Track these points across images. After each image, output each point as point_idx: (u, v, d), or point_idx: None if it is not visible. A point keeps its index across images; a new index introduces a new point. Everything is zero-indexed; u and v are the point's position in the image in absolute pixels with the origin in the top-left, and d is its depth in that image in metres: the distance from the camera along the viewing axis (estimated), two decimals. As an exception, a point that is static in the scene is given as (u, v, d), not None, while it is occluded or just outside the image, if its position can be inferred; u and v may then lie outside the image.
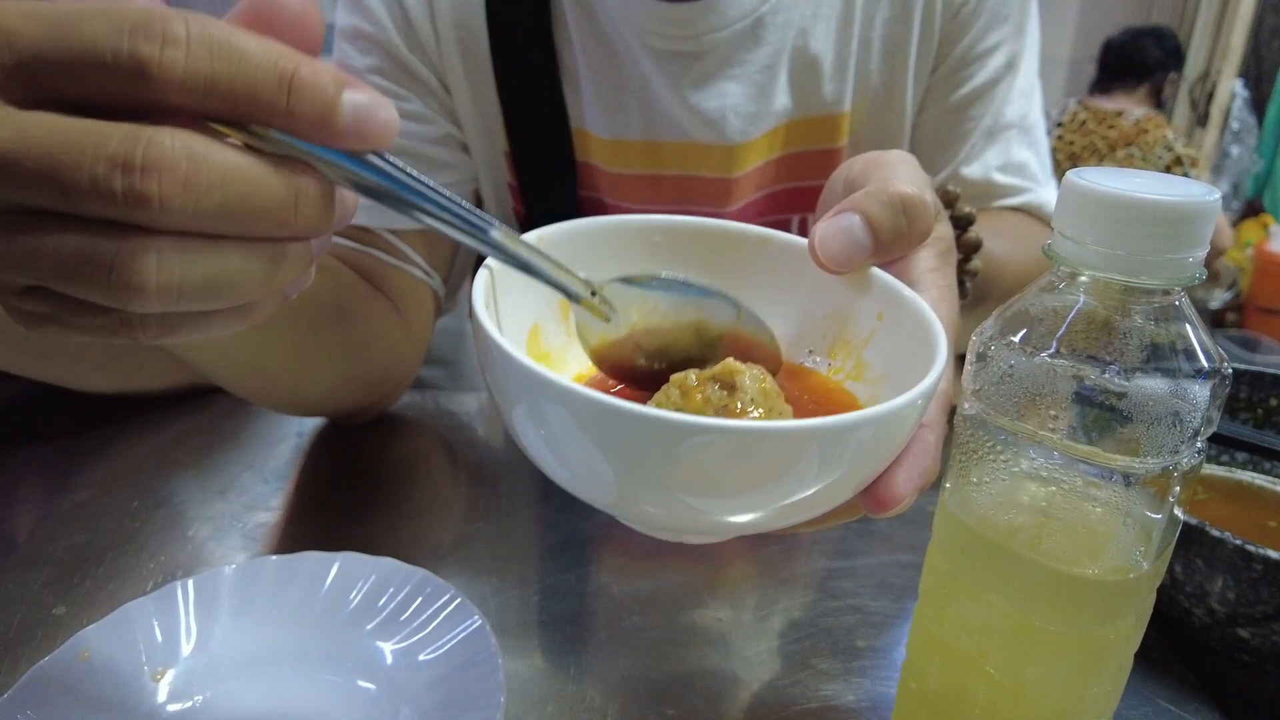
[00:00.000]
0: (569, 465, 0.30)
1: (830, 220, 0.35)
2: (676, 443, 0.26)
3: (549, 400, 0.27)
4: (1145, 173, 0.31)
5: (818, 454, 0.27)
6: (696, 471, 0.27)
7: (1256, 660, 0.46)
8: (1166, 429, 0.30)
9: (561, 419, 0.28)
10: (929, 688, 0.38)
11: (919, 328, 0.33)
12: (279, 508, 0.60)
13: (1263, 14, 3.44)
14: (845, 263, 0.35)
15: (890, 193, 0.34)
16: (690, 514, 0.29)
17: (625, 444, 0.27)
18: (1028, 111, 0.74)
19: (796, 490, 0.28)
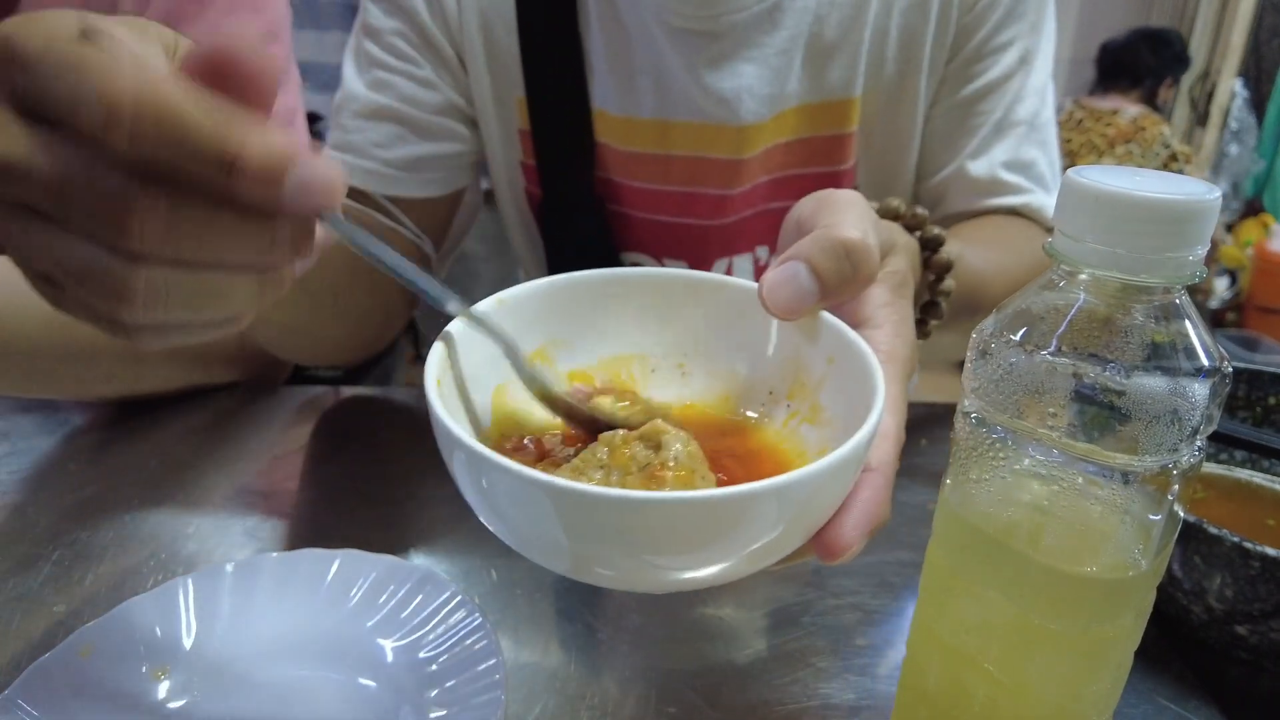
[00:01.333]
0: (511, 534, 0.32)
1: (777, 269, 0.36)
2: (588, 514, 0.27)
3: (479, 470, 0.29)
4: (1145, 171, 0.31)
5: (737, 519, 0.28)
6: (616, 538, 0.28)
7: (1254, 657, 0.46)
8: (1166, 427, 0.30)
9: (492, 488, 0.29)
10: (929, 686, 0.38)
11: (862, 373, 0.34)
12: (279, 505, 0.60)
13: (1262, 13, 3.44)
14: (793, 310, 0.36)
15: (834, 239, 0.35)
16: (622, 575, 0.31)
17: (549, 514, 0.28)
18: (1040, 110, 0.74)
19: (726, 553, 0.29)
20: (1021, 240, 0.71)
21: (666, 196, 0.75)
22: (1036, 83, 0.74)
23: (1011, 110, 0.73)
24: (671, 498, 0.27)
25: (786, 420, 0.39)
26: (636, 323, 0.40)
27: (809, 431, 0.38)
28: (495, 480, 0.29)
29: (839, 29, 0.69)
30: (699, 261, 0.78)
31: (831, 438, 0.36)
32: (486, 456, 0.28)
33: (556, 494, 0.27)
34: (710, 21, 0.67)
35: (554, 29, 0.71)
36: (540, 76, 0.72)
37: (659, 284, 0.40)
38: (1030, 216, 0.74)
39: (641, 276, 0.40)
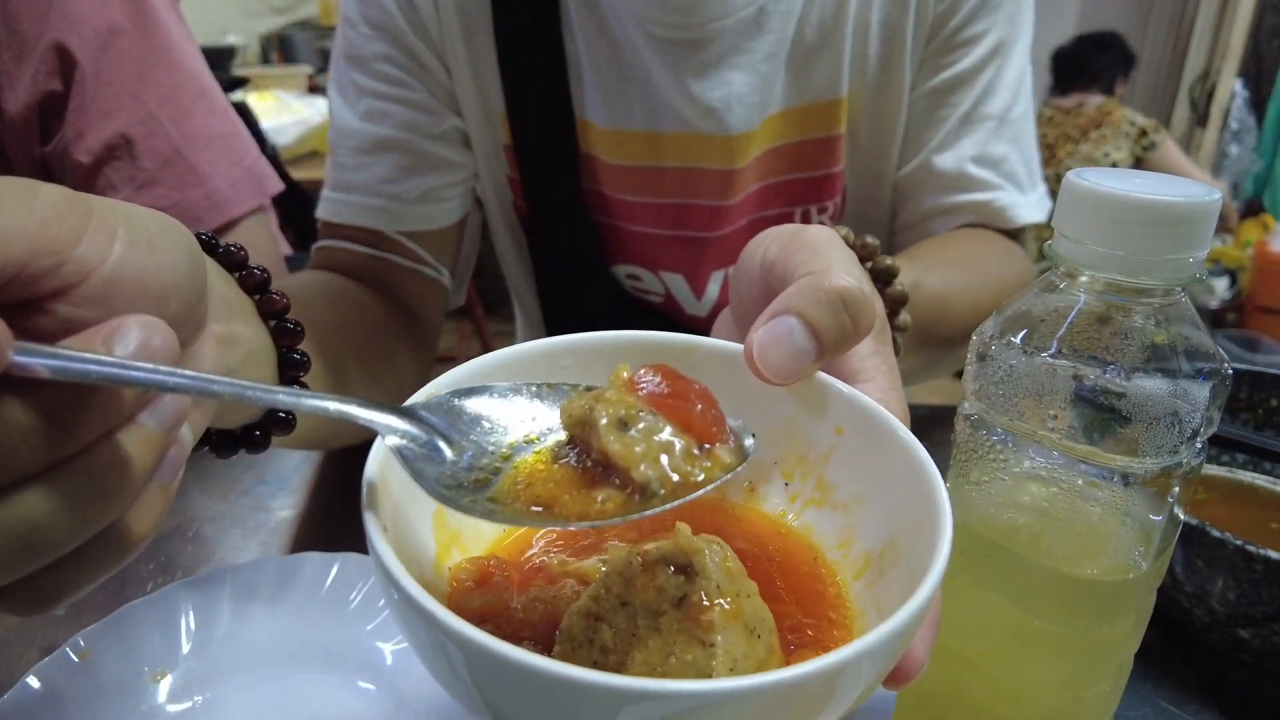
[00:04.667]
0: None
1: (766, 327, 0.31)
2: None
3: (444, 642, 0.22)
4: (1145, 173, 0.31)
5: (839, 688, 0.22)
6: None
7: (1257, 661, 0.46)
8: (1166, 429, 0.30)
9: (459, 666, 0.22)
10: (929, 687, 0.38)
11: (895, 451, 0.29)
12: (279, 509, 0.60)
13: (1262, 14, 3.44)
14: (789, 373, 0.31)
15: (828, 289, 0.31)
16: None
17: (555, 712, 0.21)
18: (1012, 105, 0.72)
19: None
20: (987, 256, 0.69)
21: (660, 209, 0.74)
22: (1010, 77, 0.72)
23: (981, 103, 0.71)
24: (764, 683, 0.20)
25: (788, 503, 0.34)
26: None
27: (819, 517, 0.32)
28: (508, 677, 0.21)
29: (821, 29, 0.69)
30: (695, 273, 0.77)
31: (856, 527, 0.31)
32: (489, 646, 0.21)
33: (612, 694, 0.20)
34: (695, 30, 0.66)
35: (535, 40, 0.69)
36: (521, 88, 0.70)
37: (616, 351, 0.34)
38: (997, 216, 0.72)
39: (594, 344, 0.34)
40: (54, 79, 0.67)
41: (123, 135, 0.70)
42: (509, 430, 0.29)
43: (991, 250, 0.70)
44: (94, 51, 0.68)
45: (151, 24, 0.72)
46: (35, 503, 0.23)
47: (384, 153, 0.69)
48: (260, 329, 0.40)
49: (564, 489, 0.27)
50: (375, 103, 0.69)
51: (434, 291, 0.73)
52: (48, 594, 0.25)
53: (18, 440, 0.22)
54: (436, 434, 0.28)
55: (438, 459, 0.28)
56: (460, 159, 0.73)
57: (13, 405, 0.22)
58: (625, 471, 0.27)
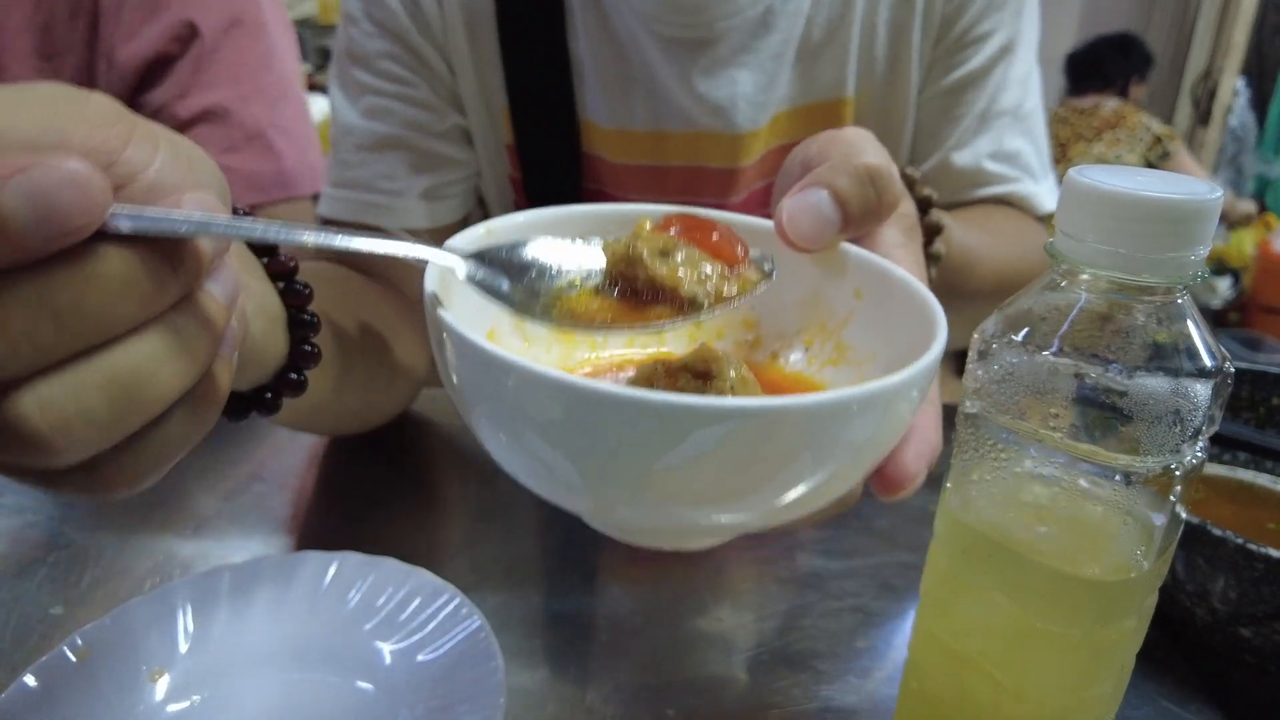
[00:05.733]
0: (544, 463, 0.27)
1: (796, 196, 0.33)
2: (676, 430, 0.22)
3: (519, 387, 0.24)
4: (1147, 170, 0.31)
5: (838, 430, 0.25)
6: (695, 462, 0.24)
7: (1259, 660, 0.46)
8: (1168, 428, 0.29)
9: (540, 410, 0.25)
10: (930, 688, 0.38)
11: (908, 301, 0.32)
12: (277, 508, 0.60)
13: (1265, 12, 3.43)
14: (815, 239, 0.33)
15: (856, 165, 0.34)
16: (681, 514, 0.26)
17: (611, 435, 0.24)
18: (1023, 100, 0.74)
19: (809, 474, 0.26)
20: (1009, 227, 0.70)
21: None
22: (1019, 72, 0.73)
23: (995, 100, 0.72)
24: (781, 403, 0.23)
25: (807, 365, 0.36)
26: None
27: (835, 374, 0.34)
28: (568, 400, 0.24)
29: (827, 28, 0.69)
30: None
31: (866, 375, 0.33)
32: (561, 377, 0.23)
33: (652, 409, 0.22)
34: (703, 29, 0.66)
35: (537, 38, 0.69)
36: (524, 88, 0.70)
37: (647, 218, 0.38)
38: (1020, 205, 0.74)
39: (643, 213, 0.37)
40: (174, 44, 0.79)
41: (221, 105, 0.82)
42: (555, 272, 0.33)
43: (1015, 221, 0.71)
44: (217, 32, 0.81)
45: (263, 25, 0.85)
46: (139, 351, 0.24)
47: (386, 150, 0.69)
48: (270, 288, 0.42)
49: (619, 313, 0.31)
50: (378, 100, 0.68)
51: None
52: (139, 464, 0.26)
53: (120, 292, 0.24)
54: (498, 268, 0.32)
55: (500, 291, 0.31)
56: (463, 157, 0.73)
57: (113, 259, 0.24)
58: (674, 290, 0.30)
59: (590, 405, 0.23)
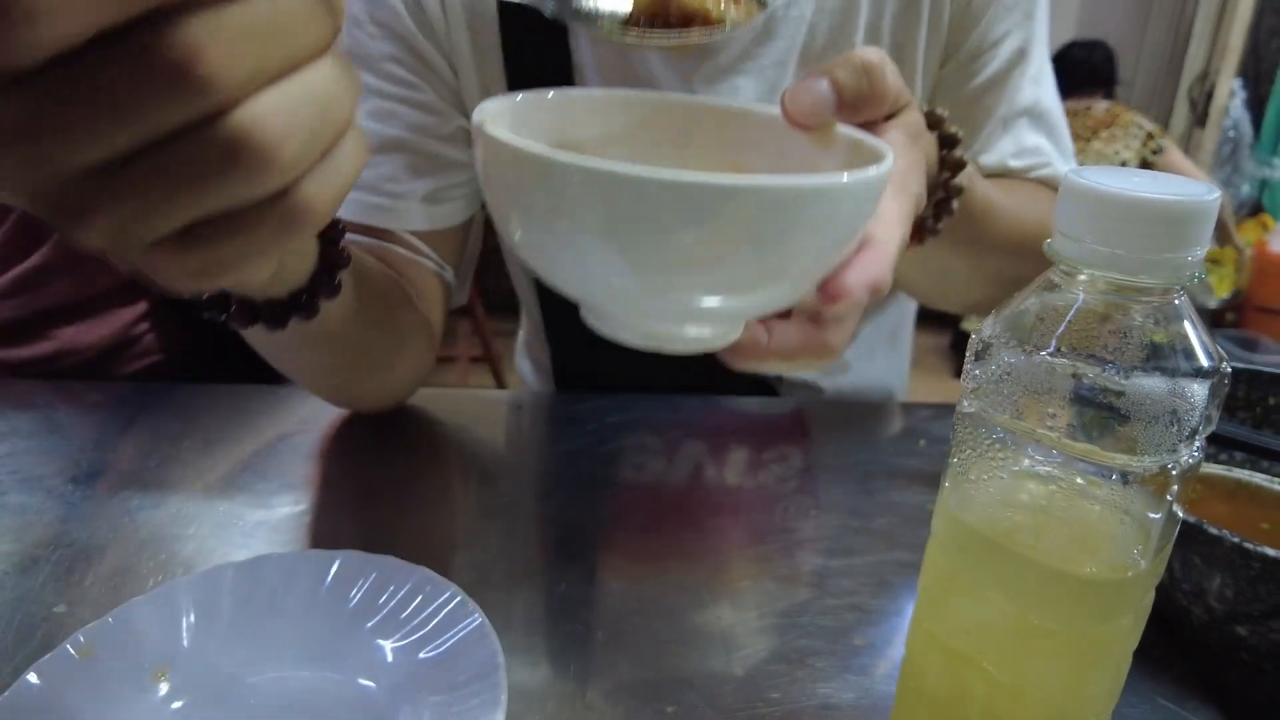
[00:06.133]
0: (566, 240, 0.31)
1: (800, 83, 0.39)
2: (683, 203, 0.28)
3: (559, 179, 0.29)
4: (1144, 172, 0.31)
5: (789, 211, 0.30)
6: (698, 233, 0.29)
7: (1255, 658, 0.46)
8: (1165, 427, 0.30)
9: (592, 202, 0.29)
10: (928, 686, 0.38)
11: (874, 159, 0.35)
12: (279, 506, 0.60)
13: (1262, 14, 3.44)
14: (812, 116, 0.38)
15: (853, 59, 0.39)
16: (682, 284, 0.32)
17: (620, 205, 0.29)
18: (1040, 97, 0.74)
19: (778, 244, 0.31)
20: (1034, 195, 0.71)
21: None
22: (1034, 71, 0.74)
23: (1013, 103, 0.73)
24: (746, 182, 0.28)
25: None
26: (662, 144, 0.42)
27: None
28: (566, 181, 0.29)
29: (830, 35, 0.69)
30: None
31: None
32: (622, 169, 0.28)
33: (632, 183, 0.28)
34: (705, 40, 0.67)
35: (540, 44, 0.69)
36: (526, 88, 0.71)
37: (687, 110, 0.43)
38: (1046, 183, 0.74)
39: (671, 100, 0.43)
40: None
41: None
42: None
43: (1040, 191, 0.72)
44: None
45: None
46: (325, 73, 0.26)
47: (390, 152, 0.69)
48: None
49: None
50: (382, 103, 0.69)
51: (435, 286, 0.74)
52: (328, 188, 0.27)
53: (306, 18, 0.25)
54: None
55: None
56: (466, 159, 0.73)
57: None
58: (705, 14, 0.39)
59: (612, 185, 0.28)
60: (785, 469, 0.68)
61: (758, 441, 0.72)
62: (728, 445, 0.71)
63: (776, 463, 0.69)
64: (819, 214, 0.31)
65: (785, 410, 0.79)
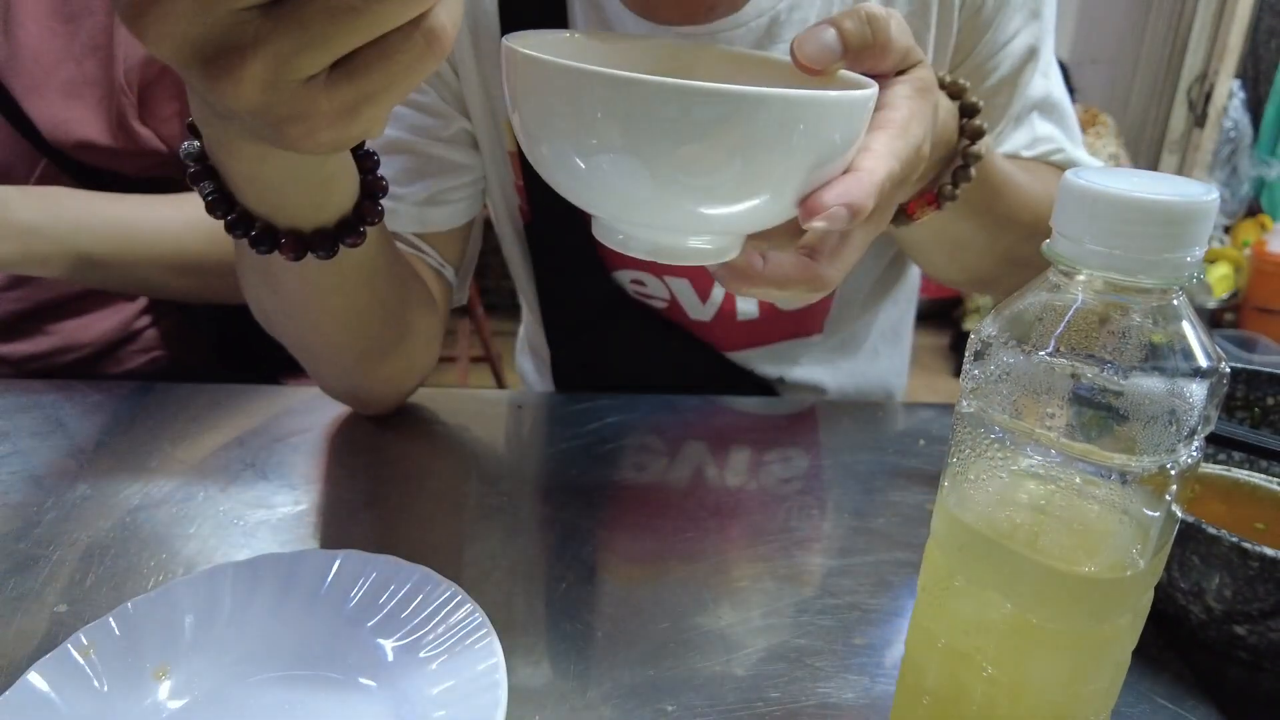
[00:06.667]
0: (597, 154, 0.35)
1: (808, 30, 0.41)
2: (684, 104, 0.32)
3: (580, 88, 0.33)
4: (1142, 172, 0.31)
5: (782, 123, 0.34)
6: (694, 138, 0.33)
7: (1254, 657, 0.46)
8: (1164, 427, 0.30)
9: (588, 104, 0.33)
10: (927, 685, 0.38)
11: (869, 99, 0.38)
12: (280, 506, 0.61)
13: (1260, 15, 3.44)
14: (818, 60, 0.41)
15: (859, 10, 0.41)
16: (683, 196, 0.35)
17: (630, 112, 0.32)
18: (1049, 91, 0.75)
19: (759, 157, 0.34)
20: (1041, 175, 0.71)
21: None
22: (1043, 66, 0.74)
23: (1025, 99, 0.74)
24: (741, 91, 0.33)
25: None
26: None
27: None
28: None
29: None
30: (702, 279, 0.77)
31: None
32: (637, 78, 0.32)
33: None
34: (708, 39, 0.66)
35: None
36: None
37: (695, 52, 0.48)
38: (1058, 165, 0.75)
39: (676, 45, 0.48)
40: None
41: None
42: None
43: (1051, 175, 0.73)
44: None
45: None
46: None
47: (393, 154, 0.69)
48: None
49: None
50: None
51: (440, 284, 0.74)
52: (447, 21, 0.31)
53: None
54: None
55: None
56: (469, 161, 0.73)
57: None
58: None
59: (624, 89, 0.32)
60: (785, 469, 0.68)
61: (758, 441, 0.72)
62: (728, 445, 0.72)
63: (776, 463, 0.69)
64: (799, 125, 0.34)
65: (785, 410, 0.79)
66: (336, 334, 0.65)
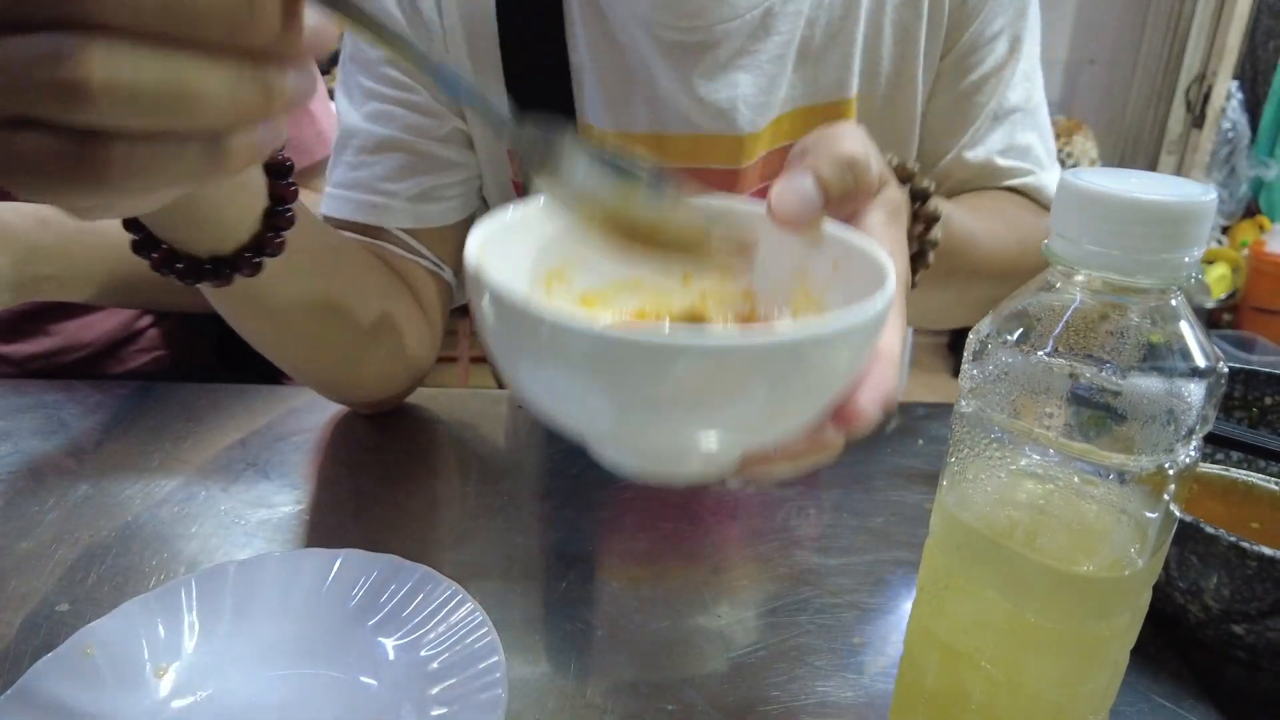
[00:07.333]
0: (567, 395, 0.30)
1: (784, 181, 0.38)
2: (666, 362, 0.27)
3: (548, 337, 0.28)
4: (1141, 173, 0.31)
5: (795, 363, 0.29)
6: (681, 385, 0.28)
7: (1251, 657, 0.46)
8: (1162, 427, 0.30)
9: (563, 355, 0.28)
10: (926, 684, 0.38)
11: (870, 266, 0.35)
12: (282, 505, 0.61)
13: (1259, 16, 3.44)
14: (799, 216, 0.38)
15: (836, 153, 0.38)
16: (681, 433, 0.31)
17: (614, 369, 0.28)
18: (1031, 94, 0.75)
19: (778, 401, 0.30)
20: (1014, 211, 0.72)
21: None
22: (1026, 67, 0.74)
23: (1005, 98, 0.74)
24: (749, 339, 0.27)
25: None
26: None
27: None
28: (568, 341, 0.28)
29: (829, 30, 0.69)
30: None
31: None
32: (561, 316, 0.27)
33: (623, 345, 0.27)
34: (703, 32, 0.67)
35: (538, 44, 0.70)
36: (524, 93, 0.71)
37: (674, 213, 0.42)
38: (1032, 195, 0.75)
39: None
40: None
41: None
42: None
43: (1020, 209, 0.73)
44: None
45: None
46: (201, 68, 0.26)
47: (386, 152, 0.70)
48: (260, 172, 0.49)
49: None
50: (380, 105, 0.70)
51: (436, 284, 0.74)
52: (141, 168, 0.27)
53: (220, 7, 0.25)
54: None
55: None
56: (463, 159, 0.73)
57: None
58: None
59: (601, 344, 0.27)
60: (784, 469, 0.68)
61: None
62: (727, 445, 0.72)
63: (775, 462, 0.69)
64: (823, 361, 0.30)
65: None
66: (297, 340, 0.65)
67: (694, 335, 0.27)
